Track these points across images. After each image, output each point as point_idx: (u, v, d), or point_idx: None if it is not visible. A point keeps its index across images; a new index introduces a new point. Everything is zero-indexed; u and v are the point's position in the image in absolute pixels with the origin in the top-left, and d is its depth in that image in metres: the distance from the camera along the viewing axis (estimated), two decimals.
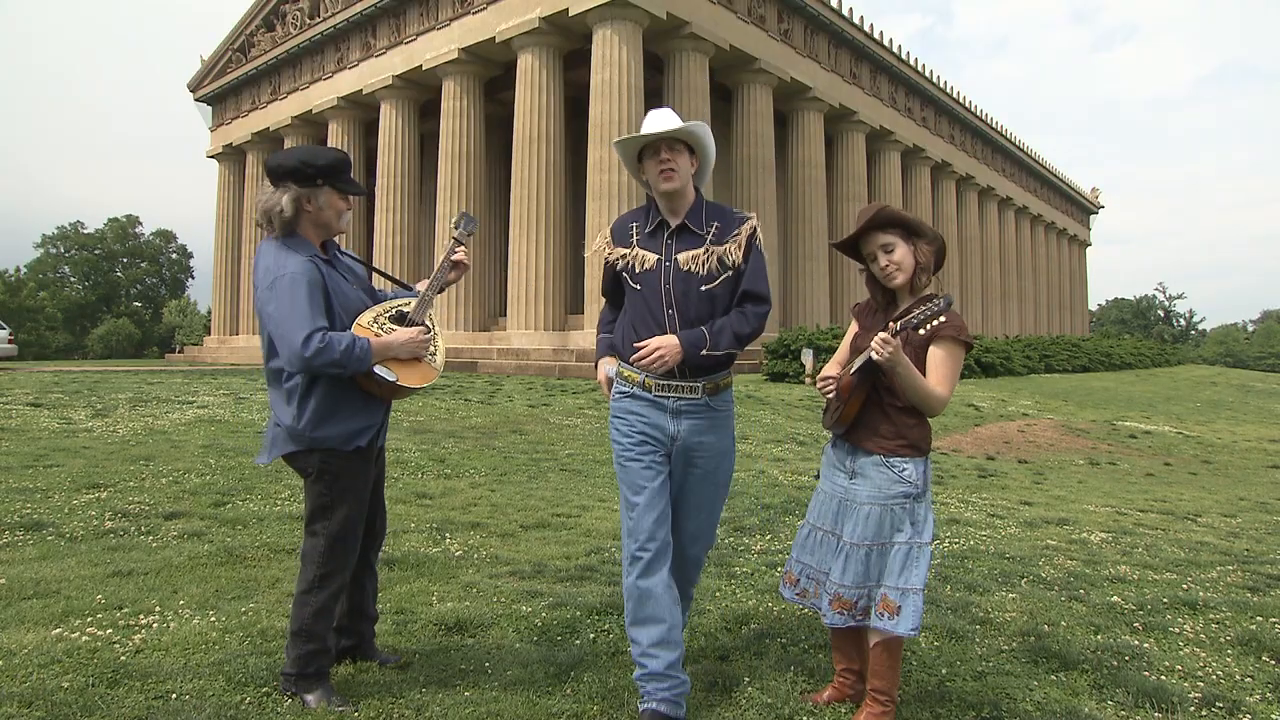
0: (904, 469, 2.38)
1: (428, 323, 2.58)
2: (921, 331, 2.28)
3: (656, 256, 2.54)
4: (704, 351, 2.45)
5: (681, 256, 2.52)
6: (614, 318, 2.74)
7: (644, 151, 2.56)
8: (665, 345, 2.44)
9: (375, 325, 2.49)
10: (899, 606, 2.32)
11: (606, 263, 2.67)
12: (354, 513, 2.54)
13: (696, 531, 2.64)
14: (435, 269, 2.68)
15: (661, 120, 2.54)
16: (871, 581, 2.37)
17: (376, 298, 2.67)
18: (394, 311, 2.56)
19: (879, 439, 2.40)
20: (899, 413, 2.40)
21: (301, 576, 2.54)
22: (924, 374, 2.35)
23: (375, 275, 2.96)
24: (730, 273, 2.52)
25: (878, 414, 2.42)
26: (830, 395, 2.47)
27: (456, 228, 2.72)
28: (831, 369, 2.53)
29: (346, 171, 2.55)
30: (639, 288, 2.55)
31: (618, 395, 2.59)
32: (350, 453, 2.50)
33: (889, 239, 2.43)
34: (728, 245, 2.52)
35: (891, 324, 2.26)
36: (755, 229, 2.56)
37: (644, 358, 2.46)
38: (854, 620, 2.39)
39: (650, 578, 2.43)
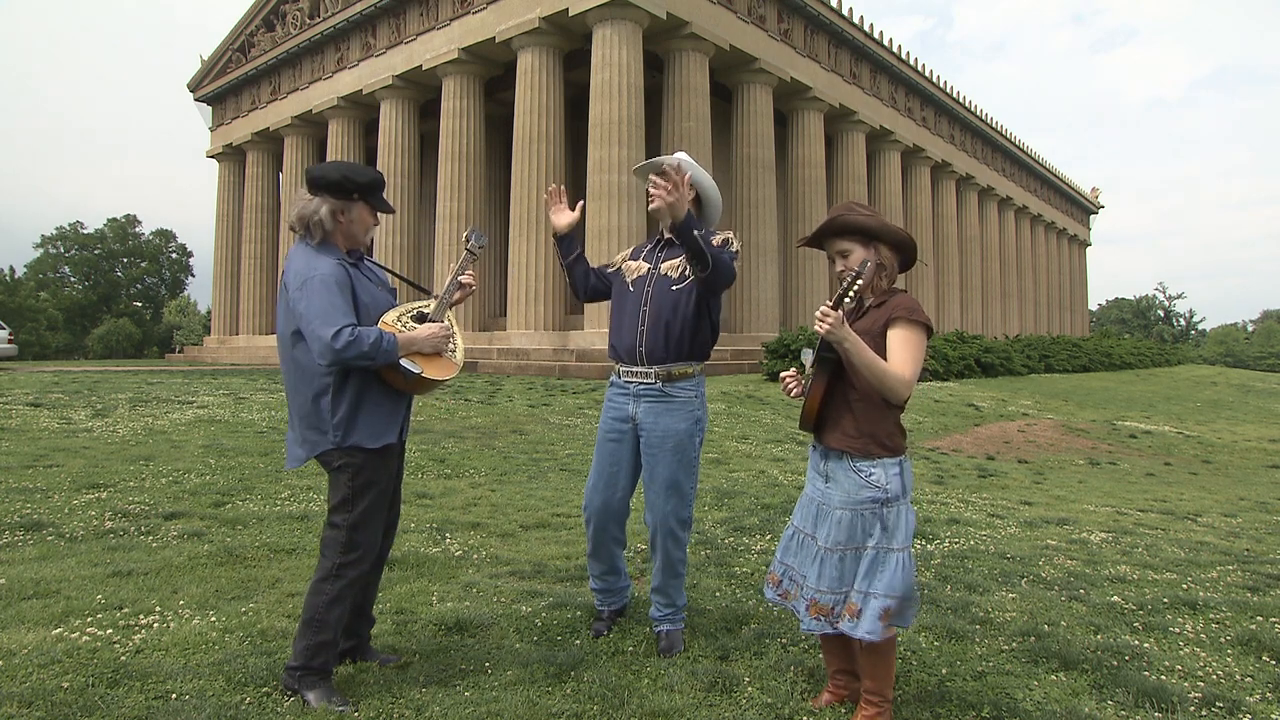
0: (871, 473, 2.35)
1: (446, 320, 2.73)
2: (848, 299, 2.26)
3: (649, 265, 3.10)
4: (696, 232, 2.77)
5: (664, 265, 3.06)
6: (588, 268, 3.24)
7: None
8: (681, 185, 2.77)
9: (399, 323, 2.63)
10: (860, 610, 2.30)
11: (609, 265, 3.24)
12: (375, 506, 2.62)
13: (667, 508, 3.00)
14: (448, 279, 2.82)
15: (666, 156, 3.01)
16: (846, 586, 2.36)
17: (395, 301, 2.81)
18: (415, 312, 2.71)
19: (844, 435, 2.39)
20: (862, 407, 2.37)
21: (319, 566, 2.60)
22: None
23: (395, 280, 3.12)
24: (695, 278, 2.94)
25: (842, 408, 2.40)
26: (793, 389, 2.48)
27: (469, 241, 2.87)
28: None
29: (381, 190, 2.71)
30: (631, 289, 3.08)
31: (609, 384, 3.16)
32: (377, 450, 2.59)
33: (846, 244, 2.45)
34: None
35: (827, 302, 2.26)
36: (727, 238, 3.02)
37: (663, 194, 2.77)
38: (829, 627, 2.35)
39: (598, 535, 3.11)
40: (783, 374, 2.54)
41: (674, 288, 2.98)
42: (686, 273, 2.96)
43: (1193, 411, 18.91)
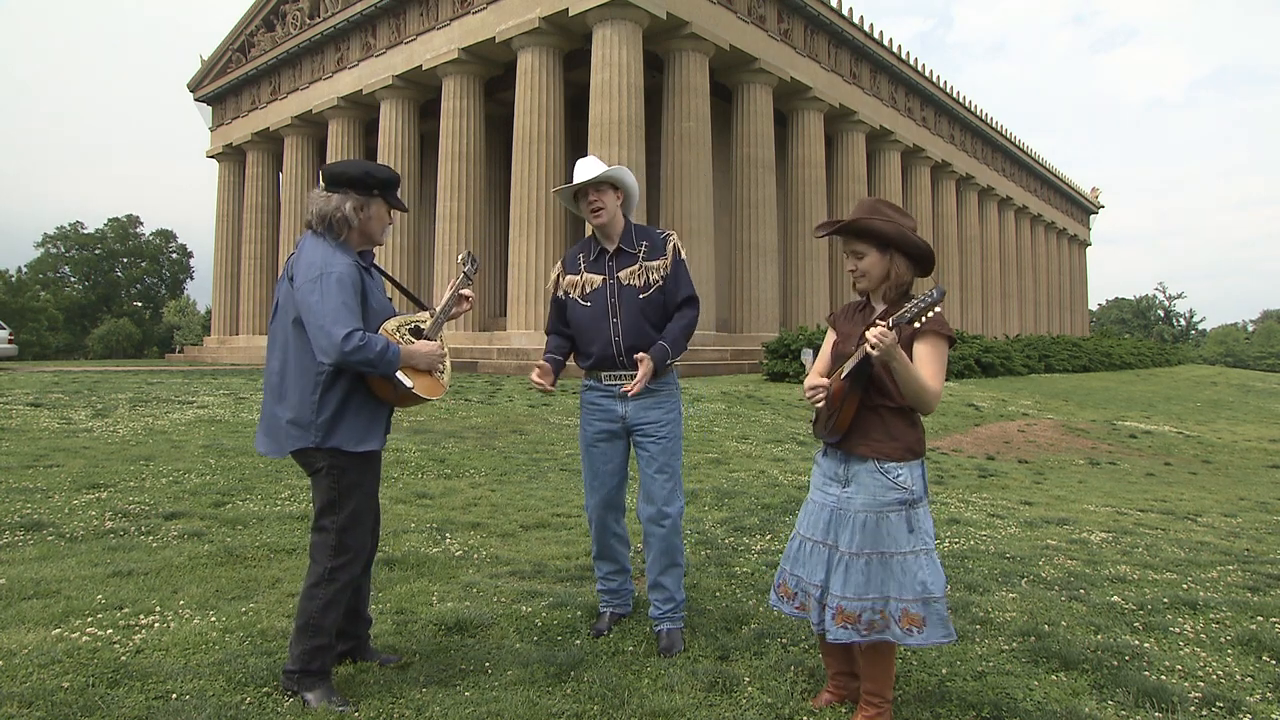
0: (898, 474, 2.35)
1: (440, 340, 2.74)
2: (917, 325, 2.21)
3: (602, 277, 3.14)
4: (670, 361, 3.06)
5: (622, 274, 3.11)
6: (557, 346, 3.27)
7: (578, 194, 3.15)
8: (645, 371, 2.99)
9: (398, 333, 2.63)
10: (923, 618, 2.29)
11: (555, 299, 3.24)
12: (362, 508, 2.61)
13: (666, 495, 3.08)
14: (445, 297, 2.85)
15: (587, 168, 3.11)
16: (874, 593, 2.31)
17: (394, 309, 2.81)
18: (412, 325, 2.72)
19: (872, 443, 2.37)
20: (892, 415, 2.37)
21: (311, 571, 2.58)
22: None
23: (391, 289, 3.08)
24: (660, 283, 3.11)
25: (871, 417, 2.38)
26: (820, 404, 2.43)
27: (465, 265, 2.93)
28: (816, 378, 2.49)
29: (398, 188, 2.73)
30: (589, 305, 3.13)
31: (583, 389, 3.26)
32: (358, 454, 2.57)
33: (860, 246, 2.41)
34: (658, 261, 3.12)
35: (880, 321, 2.20)
36: (676, 244, 3.18)
37: (637, 384, 2.98)
38: (859, 635, 2.30)
39: (600, 533, 3.22)
40: (810, 388, 2.46)
41: (641, 297, 3.09)
42: (650, 279, 3.10)
43: (1193, 411, 18.92)
